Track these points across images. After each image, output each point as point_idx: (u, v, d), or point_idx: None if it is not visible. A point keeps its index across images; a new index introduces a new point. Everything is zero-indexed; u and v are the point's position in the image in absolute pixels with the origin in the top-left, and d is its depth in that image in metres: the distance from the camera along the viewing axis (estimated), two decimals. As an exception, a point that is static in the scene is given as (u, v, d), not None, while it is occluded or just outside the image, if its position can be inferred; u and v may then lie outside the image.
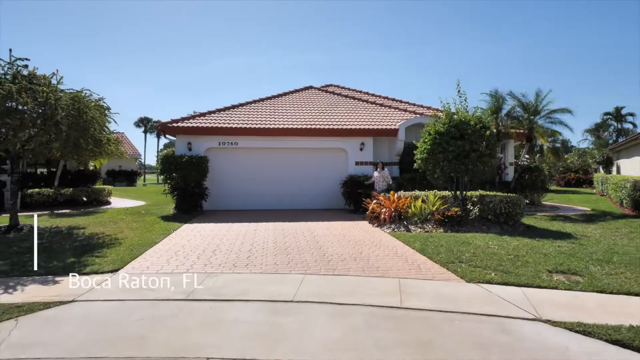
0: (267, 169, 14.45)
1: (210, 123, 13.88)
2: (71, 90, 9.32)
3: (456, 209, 9.62)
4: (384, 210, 10.14)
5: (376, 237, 8.88)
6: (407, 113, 16.56)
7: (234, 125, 13.87)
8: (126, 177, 34.37)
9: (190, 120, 13.85)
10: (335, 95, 18.86)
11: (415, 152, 11.57)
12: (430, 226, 9.61)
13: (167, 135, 13.56)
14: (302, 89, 19.62)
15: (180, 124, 13.45)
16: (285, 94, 18.58)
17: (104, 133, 10.12)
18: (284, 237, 8.93)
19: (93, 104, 9.60)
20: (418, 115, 15.56)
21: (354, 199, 13.41)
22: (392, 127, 14.84)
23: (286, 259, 6.84)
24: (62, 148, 9.34)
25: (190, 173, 12.39)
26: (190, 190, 12.43)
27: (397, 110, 17.11)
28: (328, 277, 5.86)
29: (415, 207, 10.12)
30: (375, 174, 12.33)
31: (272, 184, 14.43)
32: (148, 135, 66.18)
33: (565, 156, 36.12)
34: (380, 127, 14.77)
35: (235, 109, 15.63)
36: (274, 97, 17.86)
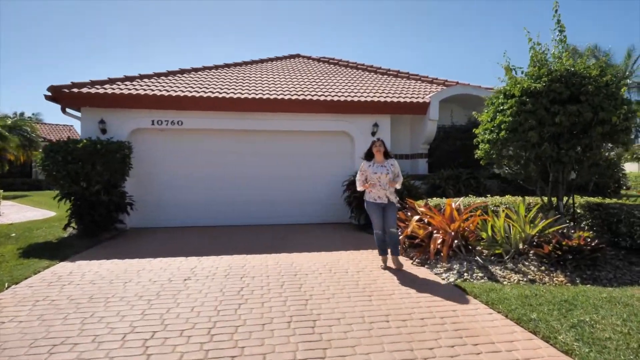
0: (232, 164, 9.86)
1: (138, 90, 9.24)
2: None
3: (586, 234, 5.15)
4: (436, 235, 5.62)
5: (440, 307, 4.38)
6: (435, 86, 12.13)
7: (179, 94, 9.25)
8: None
9: (106, 86, 9.18)
10: (332, 65, 14.37)
11: (475, 131, 7.15)
12: (533, 268, 5.13)
13: (67, 110, 8.90)
14: (287, 57, 15.10)
15: (86, 90, 8.78)
16: (262, 61, 14.03)
17: None
18: (242, 301, 4.40)
19: None
20: (456, 84, 11.10)
21: (362, 208, 8.90)
22: (420, 100, 10.37)
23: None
24: None
25: (95, 169, 7.74)
26: (96, 197, 7.77)
27: (419, 82, 12.68)
28: None
29: (495, 231, 5.65)
30: (367, 168, 5.60)
31: (241, 186, 9.85)
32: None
33: None
34: (401, 99, 10.28)
35: (183, 75, 11.00)
36: (245, 63, 13.29)
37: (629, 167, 27.77)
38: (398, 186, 5.55)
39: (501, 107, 6.52)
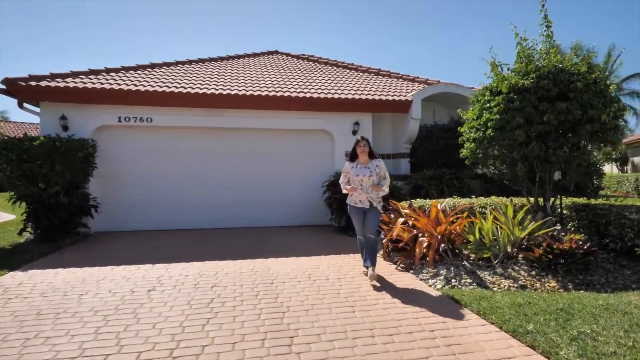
0: (206, 164, 9.37)
1: (104, 84, 8.66)
2: None
3: (577, 237, 4.93)
4: (422, 239, 5.31)
5: (429, 318, 4.07)
6: (417, 84, 11.91)
7: (148, 89, 8.71)
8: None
9: (68, 80, 8.56)
10: (312, 62, 13.99)
11: (461, 129, 6.92)
12: (523, 273, 4.87)
13: (24, 105, 8.24)
14: (264, 53, 14.64)
15: (45, 83, 8.15)
16: (239, 57, 13.54)
17: None
18: (212, 315, 3.98)
19: None
20: (438, 83, 10.89)
21: (344, 209, 8.56)
22: (402, 98, 10.10)
23: None
24: None
25: (54, 169, 7.15)
26: (55, 200, 7.18)
27: (400, 80, 12.44)
28: None
29: (482, 234, 5.39)
30: (350, 169, 5.13)
31: (216, 187, 9.38)
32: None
33: None
34: (383, 97, 9.99)
35: (154, 69, 10.44)
36: (221, 59, 12.78)
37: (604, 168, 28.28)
38: (385, 190, 4.97)
39: (487, 105, 6.28)
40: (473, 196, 7.86)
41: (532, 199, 6.47)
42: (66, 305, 4.18)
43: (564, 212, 6.63)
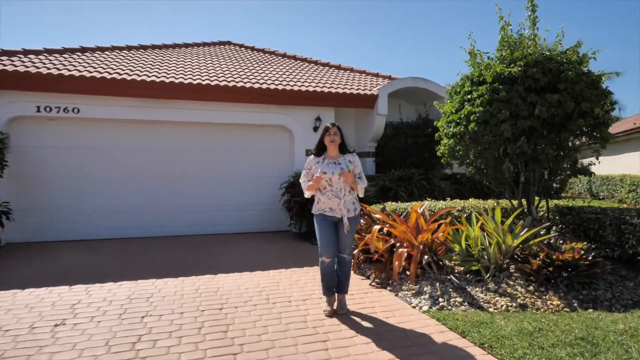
0: (143, 163, 8.16)
1: (18, 66, 7.27)
2: None
3: (579, 245, 4.31)
4: (401, 250, 4.52)
5: (423, 356, 3.26)
6: (381, 79, 11.26)
7: (74, 73, 7.40)
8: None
9: (-28, 59, 7.10)
10: (268, 55, 13.00)
11: (437, 124, 6.26)
12: (520, 289, 4.20)
13: None
14: (216, 43, 13.49)
15: (-59, 63, 6.67)
16: (186, 45, 12.33)
17: None
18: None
19: None
20: (406, 77, 10.25)
21: (304, 214, 7.71)
22: (367, 92, 9.37)
23: None
24: None
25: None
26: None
27: (363, 74, 11.75)
28: None
29: (469, 243, 4.69)
30: (314, 164, 3.99)
31: (156, 189, 8.20)
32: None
33: None
34: (347, 91, 9.21)
35: (84, 54, 9.08)
36: (165, 46, 11.53)
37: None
38: (360, 194, 3.93)
39: (468, 96, 5.63)
40: (448, 198, 7.22)
41: (515, 201, 5.89)
42: None
43: (548, 215, 6.11)
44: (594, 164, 5.51)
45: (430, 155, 9.50)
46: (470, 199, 6.91)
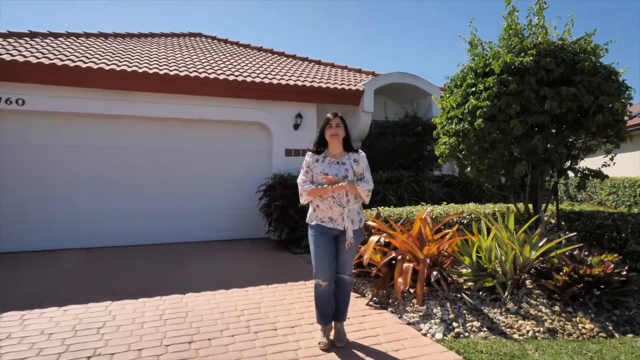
0: (102, 163, 7.25)
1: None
2: None
3: (610, 258, 3.78)
4: (406, 265, 3.87)
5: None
6: (365, 75, 10.67)
7: (18, 58, 6.42)
8: None
9: None
10: (242, 48, 12.19)
11: (435, 120, 5.69)
12: (544, 309, 3.63)
13: None
14: (186, 34, 12.58)
15: None
16: (153, 35, 11.39)
17: None
18: None
19: None
20: (392, 73, 9.65)
21: (285, 220, 7.00)
22: (352, 87, 8.74)
23: None
24: None
25: None
26: None
27: (345, 70, 11.13)
28: None
29: (481, 255, 4.10)
30: (314, 163, 3.21)
31: (120, 193, 7.31)
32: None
33: None
34: (330, 86, 8.54)
35: (34, 39, 8.07)
36: (129, 35, 10.56)
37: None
38: (365, 199, 3.23)
39: (472, 89, 5.06)
40: (444, 203, 6.65)
41: (520, 205, 5.37)
42: None
43: (552, 221, 5.62)
44: (608, 165, 5.03)
45: (419, 156, 8.96)
46: (469, 204, 6.36)
